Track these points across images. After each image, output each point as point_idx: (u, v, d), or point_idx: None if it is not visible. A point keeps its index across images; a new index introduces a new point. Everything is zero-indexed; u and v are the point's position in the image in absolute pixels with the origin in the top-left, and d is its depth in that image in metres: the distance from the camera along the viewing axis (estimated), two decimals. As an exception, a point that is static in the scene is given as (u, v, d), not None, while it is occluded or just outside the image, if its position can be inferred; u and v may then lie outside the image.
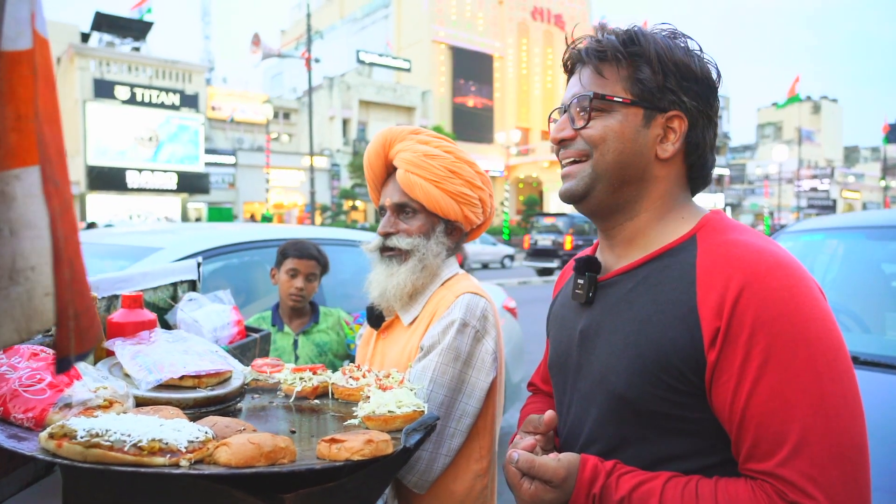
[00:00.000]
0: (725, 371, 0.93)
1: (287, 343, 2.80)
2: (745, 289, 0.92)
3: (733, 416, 0.93)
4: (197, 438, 0.99)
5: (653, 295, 1.03)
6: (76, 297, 0.58)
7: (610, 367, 1.05)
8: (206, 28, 55.25)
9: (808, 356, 0.89)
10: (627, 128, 1.07)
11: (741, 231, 1.03)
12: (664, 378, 0.98)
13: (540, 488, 1.00)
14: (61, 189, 0.60)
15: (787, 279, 0.93)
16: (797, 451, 0.87)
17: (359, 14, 49.35)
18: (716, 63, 1.10)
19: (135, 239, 3.27)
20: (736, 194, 62.52)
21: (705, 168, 1.13)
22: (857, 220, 3.71)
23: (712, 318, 0.93)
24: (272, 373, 1.58)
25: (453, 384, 1.50)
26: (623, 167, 1.08)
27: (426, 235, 1.64)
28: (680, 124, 1.07)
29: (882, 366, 2.50)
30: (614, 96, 1.08)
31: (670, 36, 1.09)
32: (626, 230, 1.13)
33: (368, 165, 1.72)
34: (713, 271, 0.96)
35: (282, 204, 35.17)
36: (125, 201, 29.95)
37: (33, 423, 1.08)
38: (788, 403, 0.89)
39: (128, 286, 1.74)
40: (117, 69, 29.78)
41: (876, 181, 63.01)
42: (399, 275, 1.62)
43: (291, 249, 2.82)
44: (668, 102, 1.07)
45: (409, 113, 41.12)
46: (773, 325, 0.90)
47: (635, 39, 1.07)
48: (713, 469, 0.97)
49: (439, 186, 1.61)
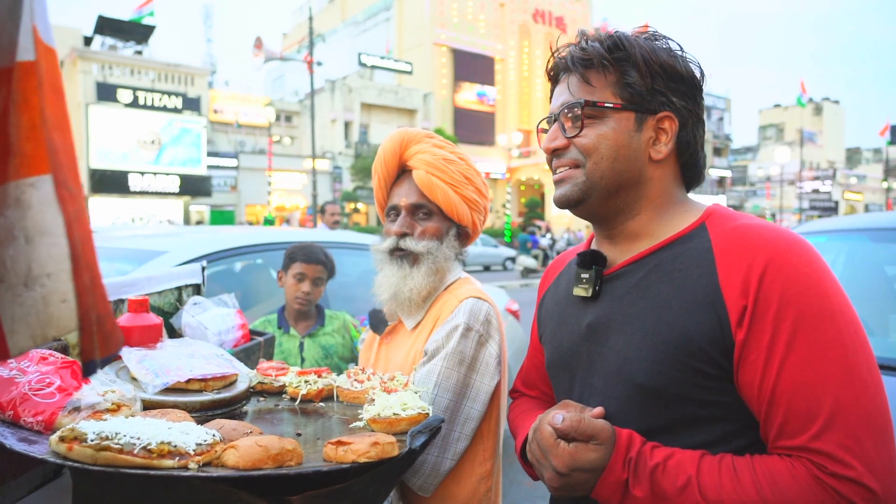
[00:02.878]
0: (754, 349, 0.93)
1: (293, 345, 2.82)
2: (769, 266, 0.94)
3: (763, 393, 0.93)
4: (205, 441, 1.00)
5: (669, 281, 1.03)
6: (98, 301, 0.59)
7: (629, 357, 1.05)
8: (209, 31, 55.39)
9: (834, 330, 0.91)
10: (620, 134, 1.09)
11: (749, 218, 1.05)
12: (691, 362, 0.98)
13: (581, 447, 0.98)
14: (75, 194, 0.61)
15: (806, 255, 0.95)
16: (830, 423, 0.88)
17: (360, 17, 49.43)
18: (698, 62, 1.12)
19: (139, 242, 3.28)
20: (738, 196, 62.45)
21: (698, 165, 1.14)
22: (860, 222, 3.71)
23: (738, 298, 0.94)
24: (277, 376, 1.59)
25: (458, 388, 1.51)
26: (618, 173, 1.10)
27: (440, 239, 1.64)
28: (671, 125, 1.09)
29: (886, 368, 2.50)
30: (605, 102, 1.09)
31: (651, 38, 1.11)
32: (627, 228, 1.13)
33: (383, 163, 1.69)
34: (733, 253, 0.98)
35: (284, 206, 35.20)
36: (128, 204, 29.99)
37: (43, 426, 1.09)
38: (819, 377, 0.90)
39: (133, 290, 1.75)
40: (120, 72, 29.85)
41: (878, 182, 62.89)
42: (415, 278, 1.60)
43: (299, 253, 2.83)
44: (658, 104, 1.08)
45: (410, 115, 41.15)
46: (799, 300, 0.92)
47: (620, 45, 1.09)
48: (741, 452, 0.97)
49: (457, 191, 1.62)
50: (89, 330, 0.58)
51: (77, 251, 0.58)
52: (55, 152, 0.59)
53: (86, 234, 0.61)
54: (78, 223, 0.60)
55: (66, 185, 0.60)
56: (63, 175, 0.60)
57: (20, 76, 0.59)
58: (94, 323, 0.59)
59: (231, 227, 4.32)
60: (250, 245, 3.34)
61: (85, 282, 0.58)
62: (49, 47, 0.63)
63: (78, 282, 0.57)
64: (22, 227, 0.58)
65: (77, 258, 0.58)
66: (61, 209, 0.58)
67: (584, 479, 0.99)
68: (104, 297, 0.61)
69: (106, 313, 0.60)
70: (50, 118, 0.60)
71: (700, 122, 1.12)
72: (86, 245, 0.60)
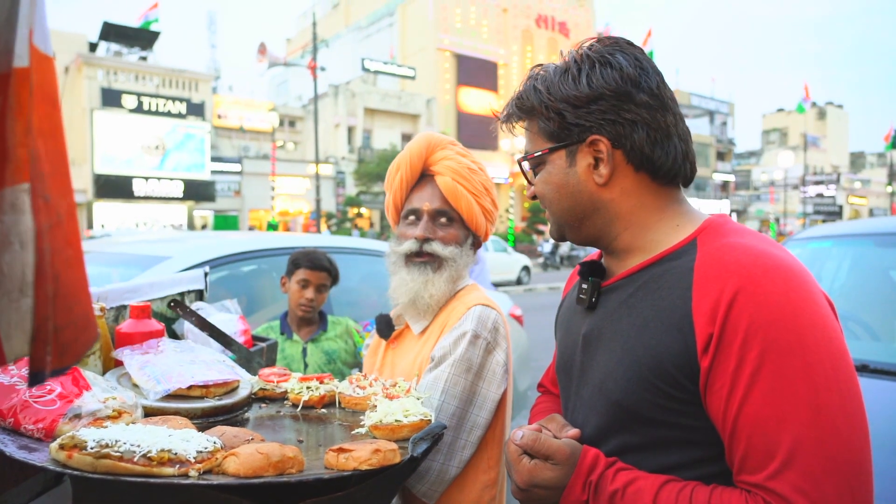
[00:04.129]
0: (718, 378, 0.91)
1: (296, 351, 2.81)
2: (739, 293, 0.90)
3: (725, 424, 0.91)
4: (206, 449, 1.00)
5: (652, 300, 1.02)
6: (59, 311, 0.58)
7: (608, 373, 1.05)
8: (213, 37, 55.63)
9: (803, 364, 0.86)
10: (557, 174, 1.11)
11: (742, 234, 1.01)
12: (660, 385, 0.96)
13: (539, 465, 1.01)
14: (52, 204, 0.59)
15: (784, 283, 0.90)
16: (789, 462, 0.85)
17: (364, 22, 49.60)
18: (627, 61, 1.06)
19: (143, 248, 3.28)
20: (741, 200, 62.36)
21: (668, 160, 1.06)
22: (865, 227, 3.69)
23: (706, 324, 0.92)
24: (279, 382, 1.58)
25: (465, 395, 1.50)
26: (569, 209, 1.12)
27: (461, 246, 1.64)
28: (602, 145, 1.06)
29: (892, 374, 2.48)
30: (535, 151, 1.13)
31: (563, 70, 1.09)
32: (617, 246, 1.13)
33: (409, 165, 1.67)
34: (709, 275, 0.94)
35: (287, 211, 35.25)
36: (132, 209, 30.06)
37: (43, 433, 1.08)
38: (781, 413, 0.86)
39: (135, 296, 1.75)
40: (124, 78, 29.97)
41: (882, 187, 62.75)
42: (436, 284, 1.60)
43: (303, 260, 2.82)
44: (580, 132, 1.07)
45: (413, 120, 41.23)
46: (767, 332, 0.87)
47: (523, 97, 1.13)
48: (714, 479, 0.96)
49: (478, 201, 1.64)
50: (43, 340, 0.57)
51: (44, 260, 0.57)
52: (37, 161, 0.59)
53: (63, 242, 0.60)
54: (51, 232, 0.59)
55: (42, 194, 0.59)
56: (42, 184, 0.59)
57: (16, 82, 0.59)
58: (49, 332, 0.58)
59: (234, 233, 4.32)
60: (254, 250, 3.34)
61: (46, 292, 0.57)
62: (44, 55, 0.62)
63: (38, 291, 0.56)
64: (17, 232, 0.58)
65: (43, 267, 0.57)
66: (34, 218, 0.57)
67: (543, 496, 1.02)
68: (67, 309, 0.60)
69: (66, 323, 0.59)
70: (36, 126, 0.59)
71: (639, 120, 1.04)
72: (59, 254, 0.59)
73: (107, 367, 1.51)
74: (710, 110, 57.74)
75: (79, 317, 0.62)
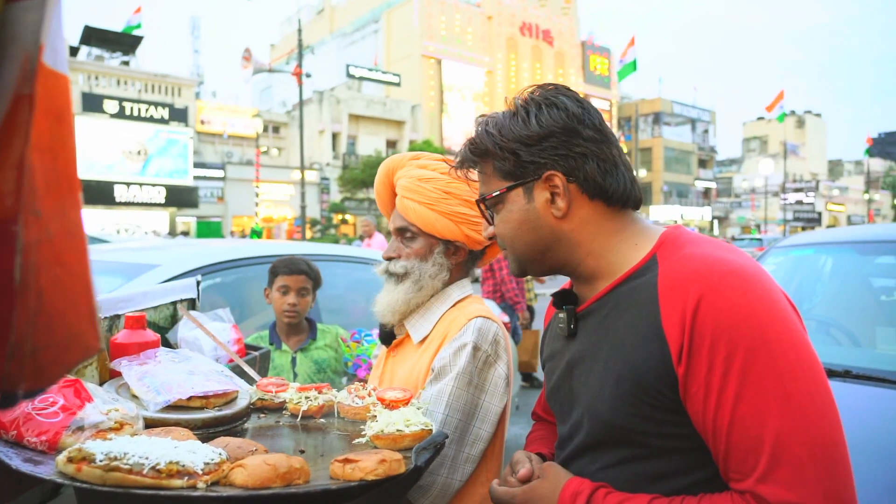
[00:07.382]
0: (693, 384, 0.95)
1: (285, 361, 2.80)
2: (701, 301, 0.94)
3: (706, 426, 0.95)
4: (212, 460, 1.00)
5: (625, 319, 1.05)
6: (39, 331, 0.56)
7: (595, 395, 1.08)
8: (196, 42, 55.21)
9: (769, 359, 0.90)
10: (516, 211, 1.15)
11: (698, 243, 1.05)
12: (644, 398, 1.00)
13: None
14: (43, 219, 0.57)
15: (741, 286, 0.94)
16: (774, 462, 0.88)
17: (349, 29, 49.61)
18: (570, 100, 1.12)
19: (131, 256, 3.26)
20: (723, 207, 63.09)
21: (619, 187, 1.12)
22: (845, 234, 3.77)
23: (676, 335, 0.96)
24: (278, 392, 1.58)
25: (467, 409, 1.51)
26: (531, 244, 1.16)
27: (423, 258, 1.68)
28: (558, 179, 1.11)
29: (873, 379, 2.53)
30: (493, 191, 1.17)
31: (511, 114, 1.15)
32: (581, 272, 1.16)
33: (377, 195, 1.80)
34: (673, 288, 0.99)
35: (271, 218, 35.05)
36: (113, 215, 29.71)
37: (47, 446, 1.08)
38: (756, 410, 0.90)
39: (129, 306, 1.74)
40: (106, 83, 29.71)
41: (860, 194, 63.87)
42: (394, 293, 1.68)
43: (281, 266, 2.83)
44: (534, 169, 1.12)
45: (398, 127, 41.24)
46: (731, 335, 0.91)
47: (476, 142, 1.18)
48: (706, 484, 0.99)
49: (433, 209, 1.64)
50: (20, 359, 0.55)
51: (29, 277, 0.55)
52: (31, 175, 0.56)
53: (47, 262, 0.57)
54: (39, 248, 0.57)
55: (33, 209, 0.57)
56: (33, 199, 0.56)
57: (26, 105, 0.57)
58: (27, 354, 0.55)
59: (223, 241, 4.30)
60: (242, 258, 3.33)
61: (28, 310, 0.55)
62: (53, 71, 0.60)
63: (20, 308, 0.54)
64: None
65: (26, 284, 0.55)
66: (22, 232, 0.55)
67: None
68: (49, 329, 0.57)
69: (44, 345, 0.56)
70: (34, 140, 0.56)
71: (588, 154, 1.10)
72: (43, 273, 0.57)
73: (103, 377, 1.50)
74: (692, 118, 58.44)
75: (62, 338, 0.59)
